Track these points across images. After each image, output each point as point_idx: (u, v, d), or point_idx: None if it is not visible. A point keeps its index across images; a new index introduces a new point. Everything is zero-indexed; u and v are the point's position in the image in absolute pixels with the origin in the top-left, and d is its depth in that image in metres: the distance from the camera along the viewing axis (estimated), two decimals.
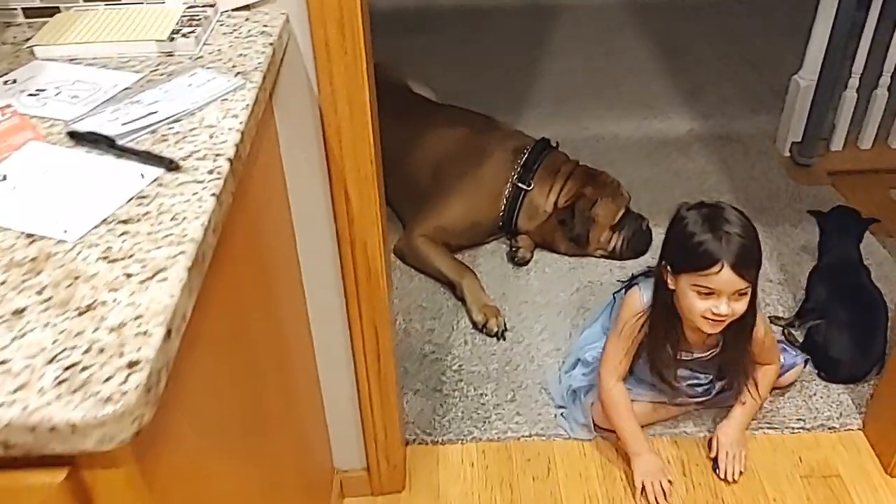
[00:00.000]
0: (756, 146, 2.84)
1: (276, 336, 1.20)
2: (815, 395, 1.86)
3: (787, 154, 2.75)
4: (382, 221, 1.34)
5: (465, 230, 2.31)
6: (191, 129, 0.82)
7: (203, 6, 1.07)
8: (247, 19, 1.08)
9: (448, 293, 2.20)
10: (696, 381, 1.69)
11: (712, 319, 1.48)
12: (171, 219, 0.69)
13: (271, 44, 1.01)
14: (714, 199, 2.57)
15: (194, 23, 1.03)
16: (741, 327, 1.54)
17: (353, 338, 1.41)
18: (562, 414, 1.81)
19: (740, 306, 1.48)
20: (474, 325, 2.08)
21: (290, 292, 1.29)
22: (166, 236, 0.66)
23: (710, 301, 1.47)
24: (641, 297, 1.60)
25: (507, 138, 2.38)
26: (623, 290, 1.70)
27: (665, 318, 1.57)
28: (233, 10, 1.09)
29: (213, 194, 0.72)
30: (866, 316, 1.93)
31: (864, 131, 2.70)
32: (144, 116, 0.83)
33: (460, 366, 1.98)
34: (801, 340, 1.97)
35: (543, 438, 1.79)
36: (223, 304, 0.88)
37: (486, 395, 1.89)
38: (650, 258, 2.32)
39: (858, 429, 1.80)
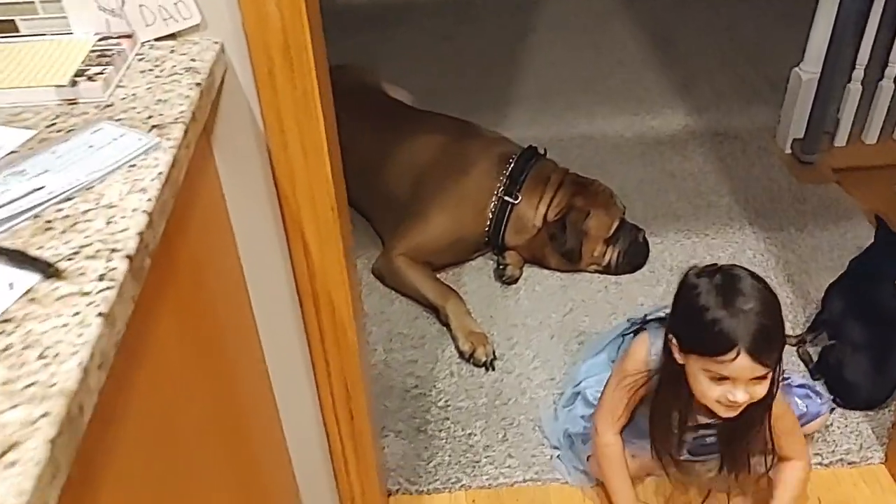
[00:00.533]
0: (755, 142, 2.67)
1: (225, 409, 1.03)
2: (832, 425, 1.71)
3: (789, 151, 2.59)
4: (349, 270, 1.16)
5: (448, 248, 2.14)
6: (84, 212, 0.65)
7: (118, 38, 0.89)
8: (172, 51, 0.90)
9: (431, 318, 2.04)
10: (703, 433, 1.51)
11: (727, 405, 1.29)
12: (39, 356, 0.51)
13: (199, 84, 0.83)
14: (713, 202, 2.49)
15: (105, 59, 0.85)
16: (760, 403, 1.33)
17: (322, 400, 1.25)
18: (558, 456, 1.65)
19: (760, 390, 1.28)
20: (461, 354, 1.92)
21: (244, 359, 1.12)
22: (28, 386, 0.49)
23: (725, 387, 1.27)
24: (650, 349, 1.41)
25: (491, 146, 2.20)
26: (632, 334, 1.52)
27: (673, 393, 1.38)
28: (155, 39, 0.91)
29: (101, 314, 0.54)
30: (884, 334, 1.78)
31: (870, 125, 2.55)
32: (26, 195, 0.66)
33: (446, 401, 1.82)
34: (815, 360, 1.83)
35: (539, 483, 1.64)
36: (147, 399, 0.72)
37: (474, 435, 1.73)
38: (647, 272, 2.17)
39: (881, 462, 1.65)
